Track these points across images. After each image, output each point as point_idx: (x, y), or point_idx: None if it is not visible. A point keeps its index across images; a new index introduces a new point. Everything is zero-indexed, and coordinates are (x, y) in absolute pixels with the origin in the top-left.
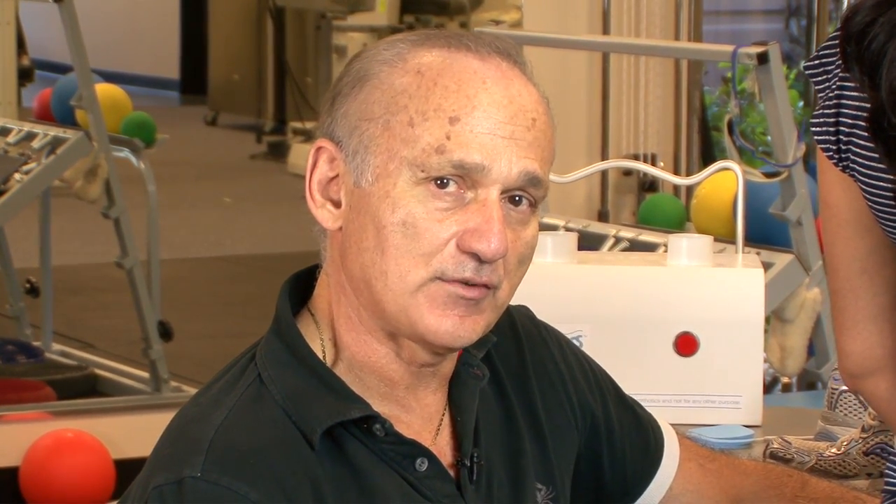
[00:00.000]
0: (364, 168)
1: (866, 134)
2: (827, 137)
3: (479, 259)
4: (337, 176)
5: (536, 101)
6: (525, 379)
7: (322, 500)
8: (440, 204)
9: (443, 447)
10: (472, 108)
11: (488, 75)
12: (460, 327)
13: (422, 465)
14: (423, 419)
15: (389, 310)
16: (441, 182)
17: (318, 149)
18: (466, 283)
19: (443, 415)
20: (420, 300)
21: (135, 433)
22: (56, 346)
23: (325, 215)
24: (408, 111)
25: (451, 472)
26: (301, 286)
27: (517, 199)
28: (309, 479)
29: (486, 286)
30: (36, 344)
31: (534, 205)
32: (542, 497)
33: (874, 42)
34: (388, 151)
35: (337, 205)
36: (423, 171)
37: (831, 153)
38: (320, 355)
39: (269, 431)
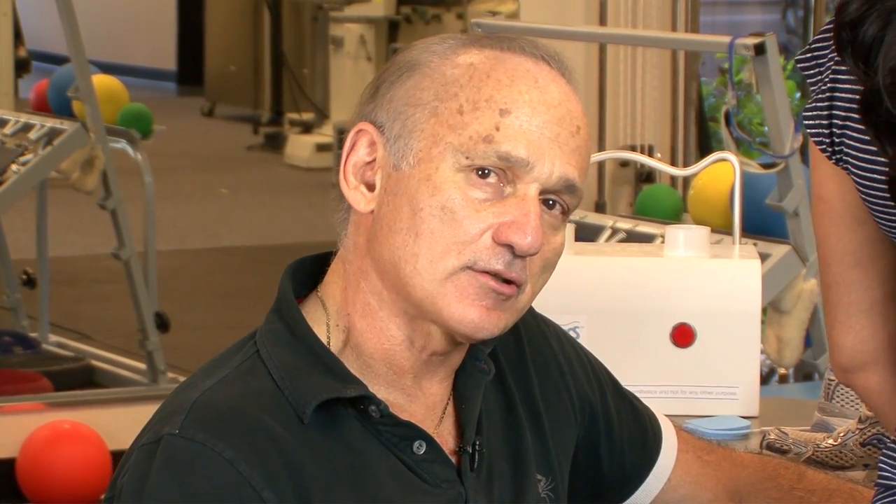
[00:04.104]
0: (406, 151)
1: (859, 126)
2: (820, 130)
3: (512, 253)
4: (374, 160)
5: (581, 112)
6: (525, 371)
7: (298, 474)
8: (479, 194)
9: (445, 435)
10: (523, 103)
11: (540, 75)
12: (486, 319)
13: (419, 447)
14: (426, 407)
15: (416, 294)
16: (482, 172)
17: (359, 131)
18: (497, 277)
19: (447, 404)
20: (449, 289)
21: (132, 424)
22: (53, 338)
23: (357, 197)
24: (458, 99)
25: (453, 460)
26: (307, 272)
27: (551, 203)
28: (286, 450)
29: (515, 284)
30: (33, 335)
31: (566, 212)
32: (541, 488)
33: (869, 29)
34: (434, 136)
35: (371, 188)
36: (467, 158)
37: (824, 146)
38: (324, 339)
39: (255, 399)
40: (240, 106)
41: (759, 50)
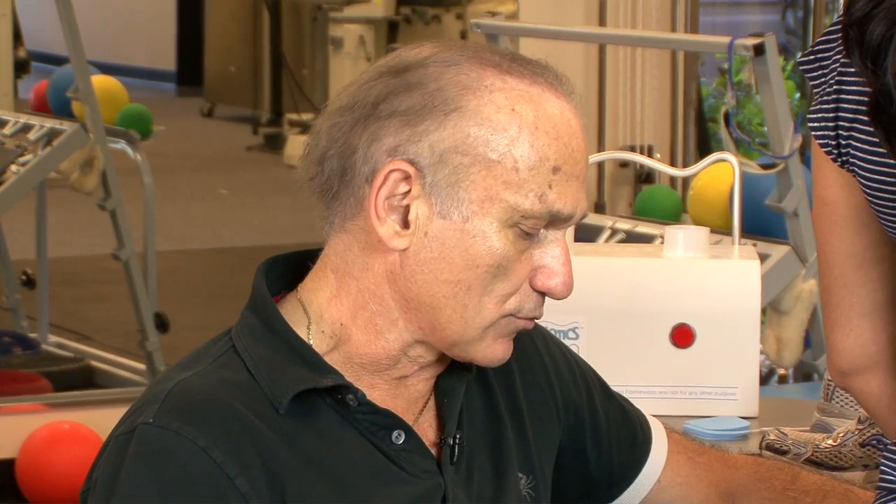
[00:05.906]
0: (456, 202)
1: (867, 127)
2: (825, 133)
3: (542, 294)
4: (408, 193)
5: (586, 140)
6: (508, 371)
7: (272, 461)
8: (524, 245)
9: (425, 428)
10: (568, 157)
11: (570, 118)
12: (508, 351)
13: (398, 437)
14: (407, 402)
15: (451, 336)
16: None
17: (392, 171)
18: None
19: (427, 398)
20: (489, 333)
21: None
22: (52, 338)
23: (390, 234)
24: (512, 154)
25: (433, 452)
26: (280, 271)
27: None
28: (260, 438)
29: None
30: (32, 336)
31: None
32: (522, 486)
33: (877, 28)
34: (487, 190)
35: (405, 225)
36: (523, 217)
37: (830, 149)
38: (304, 338)
39: (230, 389)
40: (239, 106)
41: (759, 50)
